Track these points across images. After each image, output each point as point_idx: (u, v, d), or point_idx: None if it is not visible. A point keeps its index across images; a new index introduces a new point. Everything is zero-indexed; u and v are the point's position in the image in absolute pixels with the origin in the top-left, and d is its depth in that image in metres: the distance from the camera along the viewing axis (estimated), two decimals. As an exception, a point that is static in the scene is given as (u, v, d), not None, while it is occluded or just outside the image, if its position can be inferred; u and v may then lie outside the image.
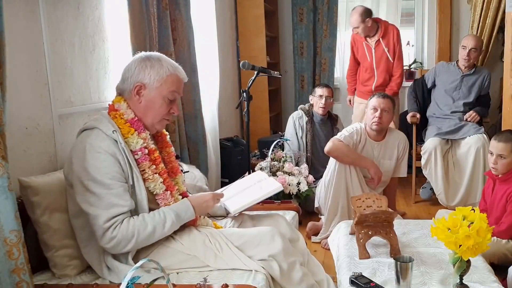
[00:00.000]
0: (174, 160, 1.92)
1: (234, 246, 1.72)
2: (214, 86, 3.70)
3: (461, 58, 3.84)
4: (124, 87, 1.75)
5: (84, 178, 1.59)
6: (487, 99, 3.94)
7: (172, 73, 1.74)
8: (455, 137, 3.66)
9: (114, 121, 1.70)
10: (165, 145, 1.89)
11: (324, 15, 5.16)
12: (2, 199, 1.36)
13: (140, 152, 1.70)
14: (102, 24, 2.35)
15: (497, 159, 2.51)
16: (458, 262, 1.65)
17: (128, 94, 1.74)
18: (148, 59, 1.73)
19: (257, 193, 1.97)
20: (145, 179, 1.71)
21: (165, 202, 1.74)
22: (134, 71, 1.72)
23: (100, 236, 1.60)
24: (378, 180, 3.02)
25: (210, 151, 3.44)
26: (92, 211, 1.59)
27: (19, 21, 1.81)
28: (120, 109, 1.72)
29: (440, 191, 3.59)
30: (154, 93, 1.72)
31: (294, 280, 1.69)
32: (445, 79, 3.90)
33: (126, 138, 1.69)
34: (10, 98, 1.54)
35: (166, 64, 1.74)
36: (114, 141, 1.64)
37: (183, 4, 2.92)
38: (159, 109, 1.74)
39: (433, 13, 5.10)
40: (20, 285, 1.41)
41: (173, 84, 1.75)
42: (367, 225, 2.02)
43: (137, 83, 1.71)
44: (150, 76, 1.71)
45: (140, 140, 1.70)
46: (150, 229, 1.63)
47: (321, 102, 3.72)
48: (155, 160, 1.76)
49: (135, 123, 1.72)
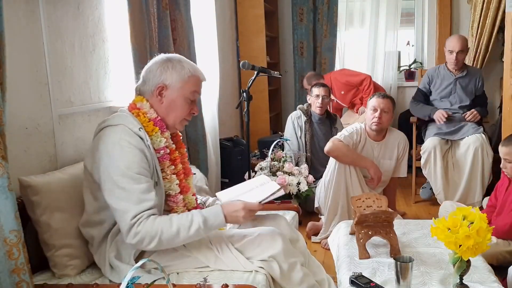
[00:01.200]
0: (187, 161, 1.94)
1: (234, 247, 1.73)
2: (214, 86, 3.70)
3: (449, 62, 3.79)
4: (145, 88, 1.76)
5: (114, 174, 1.58)
6: (483, 99, 3.89)
7: (193, 74, 1.77)
8: (454, 137, 3.66)
9: (138, 119, 1.70)
10: (179, 146, 1.90)
11: (324, 15, 5.16)
12: (2, 199, 1.36)
13: (162, 151, 1.72)
14: (102, 24, 2.35)
15: (505, 164, 2.55)
16: (458, 262, 1.65)
17: (149, 95, 1.76)
18: (169, 61, 1.76)
19: (258, 196, 1.96)
20: (163, 178, 1.72)
21: (176, 206, 1.75)
22: (156, 73, 1.74)
23: (126, 231, 1.57)
24: (378, 180, 3.02)
25: (210, 151, 3.44)
26: (121, 207, 1.57)
27: (19, 21, 1.81)
28: (143, 108, 1.73)
29: (439, 191, 3.58)
30: (176, 94, 1.74)
31: (294, 281, 1.70)
32: (439, 85, 3.86)
33: (150, 136, 1.70)
34: (10, 98, 1.54)
35: (187, 65, 1.77)
36: (140, 138, 1.65)
37: (183, 4, 2.92)
38: (181, 110, 1.76)
39: (433, 13, 5.10)
40: (20, 285, 1.41)
41: (194, 85, 1.78)
42: (367, 225, 2.02)
43: (159, 84, 1.73)
44: (172, 77, 1.73)
45: (163, 139, 1.72)
46: (175, 229, 1.59)
47: (318, 101, 3.73)
48: (175, 160, 1.78)
49: (158, 122, 1.74)
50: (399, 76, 5.36)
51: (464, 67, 3.84)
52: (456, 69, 3.78)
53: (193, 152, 3.16)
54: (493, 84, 4.81)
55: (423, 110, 3.84)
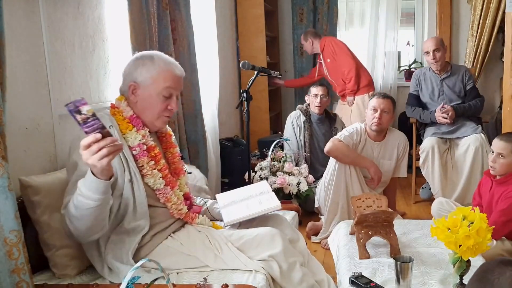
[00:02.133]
0: (178, 161, 1.92)
1: (234, 247, 1.73)
2: (214, 86, 3.70)
3: (430, 63, 3.82)
4: (122, 87, 1.78)
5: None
6: (474, 92, 3.81)
7: (164, 69, 1.74)
8: (452, 136, 3.65)
9: (114, 118, 1.71)
10: (169, 146, 1.90)
11: (324, 15, 5.16)
12: (2, 199, 1.36)
13: (138, 148, 1.71)
14: (102, 24, 2.35)
15: (496, 158, 2.49)
16: (458, 262, 1.65)
17: (126, 94, 1.76)
18: (140, 58, 1.75)
19: (254, 208, 1.97)
20: (143, 174, 1.71)
21: (166, 197, 1.76)
22: (128, 71, 1.75)
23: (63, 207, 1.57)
24: (378, 180, 3.02)
25: (210, 151, 3.44)
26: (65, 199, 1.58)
27: (19, 21, 1.81)
28: (120, 106, 1.74)
29: (437, 190, 3.57)
30: (148, 91, 1.73)
31: (294, 281, 1.69)
32: (426, 88, 3.87)
33: (124, 134, 1.70)
34: (10, 98, 1.54)
35: (159, 61, 1.74)
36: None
37: (183, 4, 2.92)
38: (155, 106, 1.75)
39: (433, 13, 5.10)
40: (20, 285, 1.41)
41: (167, 80, 1.74)
42: (367, 225, 2.02)
43: (130, 82, 1.73)
44: (142, 74, 1.72)
45: (138, 136, 1.71)
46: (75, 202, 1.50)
47: (316, 101, 3.73)
48: (155, 156, 1.76)
49: (134, 120, 1.73)
50: (399, 76, 5.35)
51: (448, 66, 3.84)
52: (439, 69, 3.79)
53: (193, 152, 3.16)
54: (493, 84, 4.81)
55: (424, 115, 3.81)
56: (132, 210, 1.68)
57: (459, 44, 5.04)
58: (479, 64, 4.63)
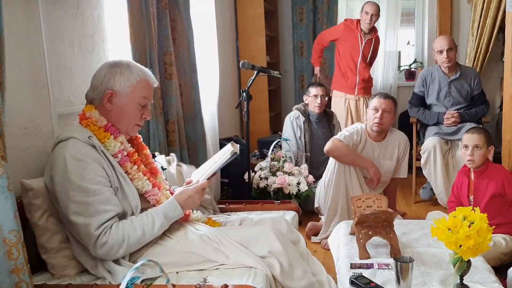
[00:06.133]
0: (152, 161, 1.93)
1: (234, 240, 1.73)
2: (214, 86, 3.70)
3: (441, 63, 3.71)
4: (95, 95, 1.74)
5: (69, 189, 1.58)
6: (482, 98, 3.77)
7: (142, 78, 1.74)
8: (454, 138, 3.64)
9: (88, 129, 1.69)
10: (141, 148, 1.90)
11: (324, 15, 5.16)
12: (2, 199, 1.35)
13: (120, 155, 1.71)
14: (102, 24, 2.35)
15: (473, 151, 2.58)
16: (459, 263, 1.65)
17: (99, 102, 1.73)
18: (117, 66, 1.73)
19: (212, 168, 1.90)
20: (131, 179, 1.72)
21: (155, 198, 1.77)
22: (104, 79, 1.71)
23: (92, 245, 1.59)
24: (377, 181, 3.01)
25: (210, 151, 3.44)
26: (81, 221, 1.58)
27: (18, 21, 1.80)
28: (92, 117, 1.71)
29: (440, 191, 3.55)
30: (126, 100, 1.72)
31: (294, 277, 1.69)
32: (433, 89, 3.79)
33: (103, 142, 1.69)
34: (9, 98, 1.54)
35: (136, 70, 1.74)
36: (92, 146, 1.64)
37: (182, 4, 2.92)
38: (132, 115, 1.75)
39: (433, 13, 5.10)
40: (20, 285, 1.40)
41: (144, 90, 1.75)
42: (367, 225, 2.02)
43: (107, 90, 1.70)
44: (120, 82, 1.70)
45: (117, 143, 1.71)
46: (140, 231, 1.63)
47: (316, 101, 3.72)
48: (136, 161, 1.78)
49: (110, 128, 1.72)
50: (399, 76, 5.36)
51: (458, 68, 3.75)
52: (450, 69, 3.70)
53: (192, 152, 3.15)
54: (493, 84, 4.80)
55: (430, 117, 3.76)
56: (130, 214, 1.69)
57: (459, 44, 5.01)
58: (479, 64, 4.62)
